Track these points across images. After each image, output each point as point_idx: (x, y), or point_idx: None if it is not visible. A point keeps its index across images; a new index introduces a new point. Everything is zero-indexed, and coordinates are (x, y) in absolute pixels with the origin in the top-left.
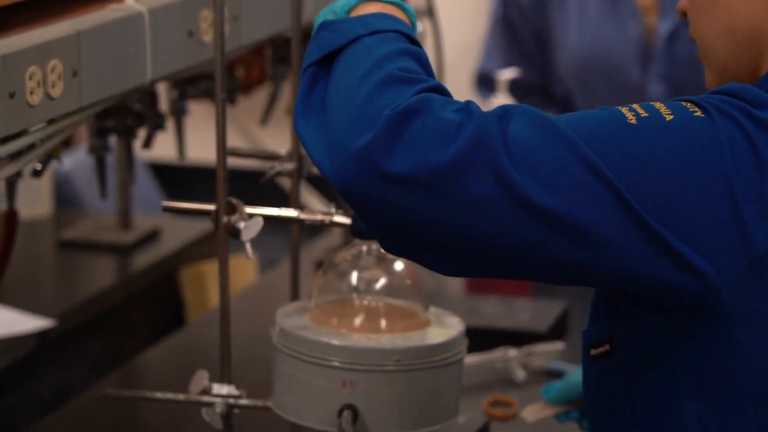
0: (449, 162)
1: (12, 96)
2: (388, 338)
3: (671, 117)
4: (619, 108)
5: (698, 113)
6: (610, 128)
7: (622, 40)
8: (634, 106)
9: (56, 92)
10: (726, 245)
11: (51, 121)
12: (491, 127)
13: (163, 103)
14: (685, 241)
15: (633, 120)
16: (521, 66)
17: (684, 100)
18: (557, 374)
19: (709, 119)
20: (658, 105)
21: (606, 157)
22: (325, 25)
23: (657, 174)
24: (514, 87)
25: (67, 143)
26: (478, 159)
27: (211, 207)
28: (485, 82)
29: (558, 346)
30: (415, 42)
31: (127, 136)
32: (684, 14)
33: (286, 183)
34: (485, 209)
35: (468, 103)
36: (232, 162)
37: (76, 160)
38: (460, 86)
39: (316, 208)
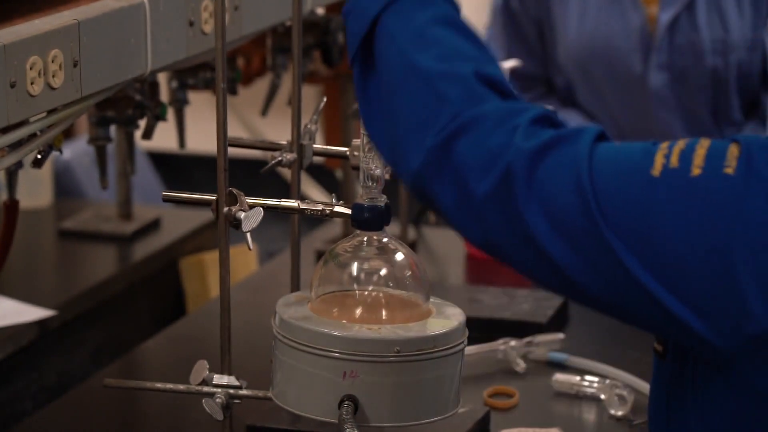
0: (484, 194)
1: (13, 86)
2: (388, 329)
3: (699, 172)
4: (658, 149)
5: (729, 170)
6: (632, 180)
7: (623, 30)
8: (675, 148)
9: (57, 82)
10: (726, 317)
11: (51, 111)
12: (522, 164)
13: (164, 94)
14: (687, 305)
15: (658, 171)
16: (523, 56)
17: (737, 141)
18: (558, 365)
19: (738, 179)
20: (700, 149)
21: (616, 212)
22: (348, 11)
23: (663, 235)
24: (516, 77)
25: (68, 133)
26: (503, 195)
27: (211, 197)
28: None
29: (559, 336)
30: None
31: (128, 126)
32: None
33: (286, 173)
34: (507, 239)
35: (516, 119)
36: (233, 152)
37: (77, 150)
38: None
39: (316, 198)
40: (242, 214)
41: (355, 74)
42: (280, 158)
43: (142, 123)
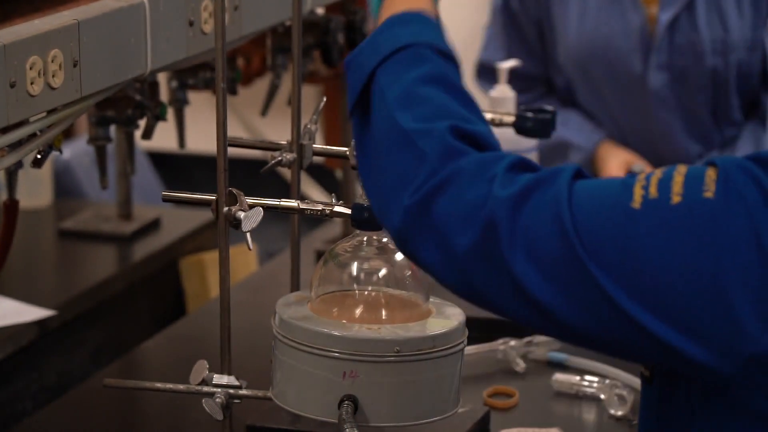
0: (467, 248)
1: (13, 86)
2: (388, 329)
3: (679, 199)
4: (636, 181)
5: (709, 193)
6: (613, 215)
7: (623, 30)
8: (653, 178)
9: (57, 82)
10: (722, 340)
11: (51, 111)
12: (503, 213)
13: (164, 94)
14: (682, 332)
15: (638, 203)
16: (523, 56)
17: (713, 165)
18: (558, 365)
19: (719, 201)
20: (677, 177)
21: (600, 249)
22: (348, 63)
23: (651, 266)
24: (515, 78)
25: (68, 133)
26: (487, 246)
27: (211, 197)
28: (486, 72)
29: None
30: (432, 45)
31: (128, 126)
32: None
33: (286, 173)
34: (495, 290)
35: (492, 169)
36: (233, 152)
37: (77, 150)
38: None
39: (316, 198)
40: (242, 214)
41: (353, 127)
42: (279, 158)
43: (142, 123)
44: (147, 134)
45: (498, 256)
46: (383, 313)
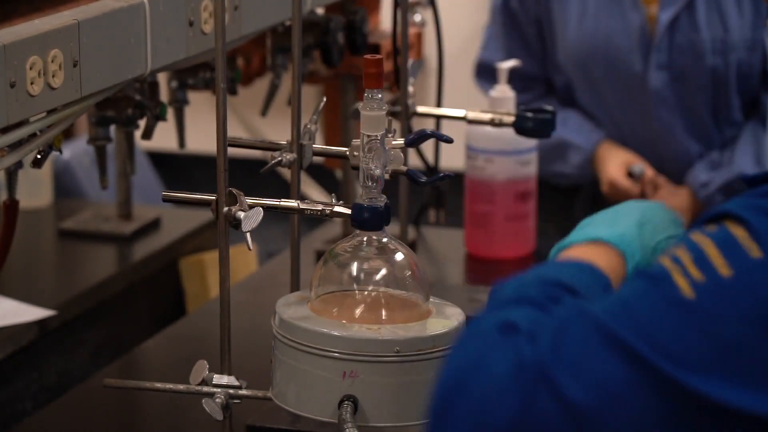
0: (513, 421)
1: (12, 86)
2: (388, 329)
3: (730, 273)
4: (668, 271)
5: (755, 253)
6: (672, 316)
7: (623, 30)
8: (684, 260)
9: (57, 82)
10: None
11: (51, 111)
12: (547, 358)
13: (164, 94)
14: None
15: (689, 292)
16: (522, 56)
17: (730, 218)
18: None
19: None
20: (710, 249)
21: (678, 353)
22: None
23: (733, 345)
24: (515, 77)
25: (68, 133)
26: (540, 405)
27: (211, 197)
28: (485, 72)
29: None
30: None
31: (128, 126)
32: None
33: (286, 173)
34: None
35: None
36: (233, 152)
37: (77, 150)
38: (460, 77)
39: (316, 198)
40: (242, 214)
41: None
42: (279, 158)
43: (142, 123)
44: (147, 134)
45: (552, 400)
46: (383, 313)
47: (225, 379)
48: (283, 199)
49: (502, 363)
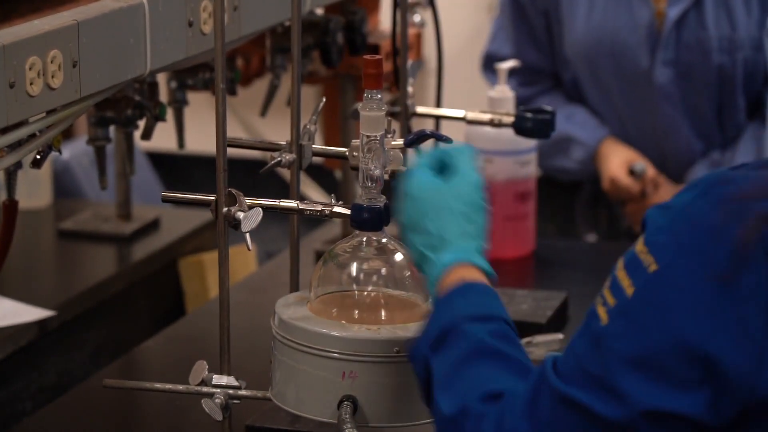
0: None
1: (12, 86)
2: (387, 329)
3: (632, 290)
4: (595, 305)
5: (653, 267)
6: (589, 347)
7: (630, 25)
8: (605, 292)
9: (56, 82)
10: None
11: (51, 112)
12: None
13: (163, 94)
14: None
15: (605, 320)
16: (529, 48)
17: (644, 232)
18: None
19: (665, 270)
20: (620, 273)
21: (584, 383)
22: (411, 356)
23: (645, 360)
24: (522, 71)
25: (67, 133)
26: None
27: (210, 197)
28: (492, 64)
29: (558, 336)
30: (474, 316)
31: (127, 126)
32: None
33: (285, 173)
34: None
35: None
36: (232, 152)
37: (76, 151)
38: (460, 77)
39: (315, 198)
40: (241, 215)
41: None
42: (279, 158)
43: (142, 123)
44: (146, 134)
45: None
46: (382, 313)
47: (224, 380)
48: (282, 200)
49: None
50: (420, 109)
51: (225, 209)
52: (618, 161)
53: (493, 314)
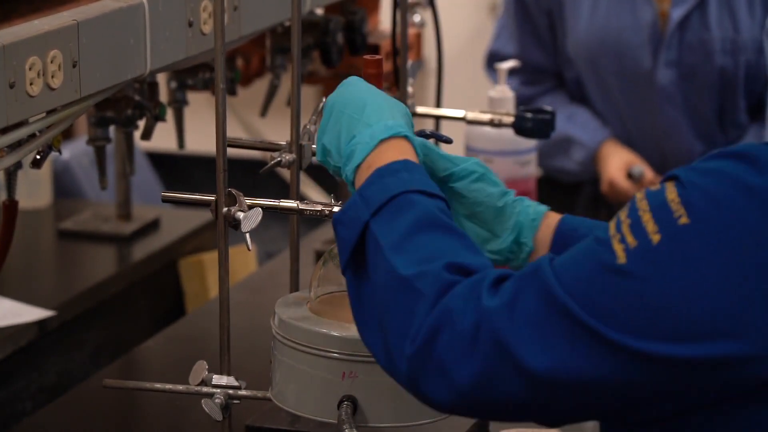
0: (473, 380)
1: (12, 86)
2: None
3: (658, 237)
4: (611, 237)
5: (683, 219)
6: (605, 279)
7: (634, 25)
8: (623, 226)
9: (56, 82)
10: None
11: (51, 112)
12: (502, 323)
13: (163, 94)
14: (703, 340)
15: (623, 258)
16: (532, 47)
17: (673, 178)
18: None
19: (696, 225)
20: (644, 215)
21: (607, 314)
22: (338, 220)
23: (661, 308)
24: (525, 70)
25: (67, 134)
26: (496, 364)
27: (210, 197)
28: (496, 62)
29: None
30: (421, 189)
31: (127, 126)
32: None
33: (285, 174)
34: (514, 397)
35: (478, 291)
36: (232, 152)
37: (76, 151)
38: (460, 77)
39: (315, 198)
40: (241, 215)
41: (348, 282)
42: (279, 159)
43: (142, 123)
44: (146, 135)
45: (509, 364)
46: None
47: (224, 380)
48: (282, 200)
49: (466, 320)
50: (420, 109)
51: (225, 209)
52: (617, 164)
53: (437, 194)
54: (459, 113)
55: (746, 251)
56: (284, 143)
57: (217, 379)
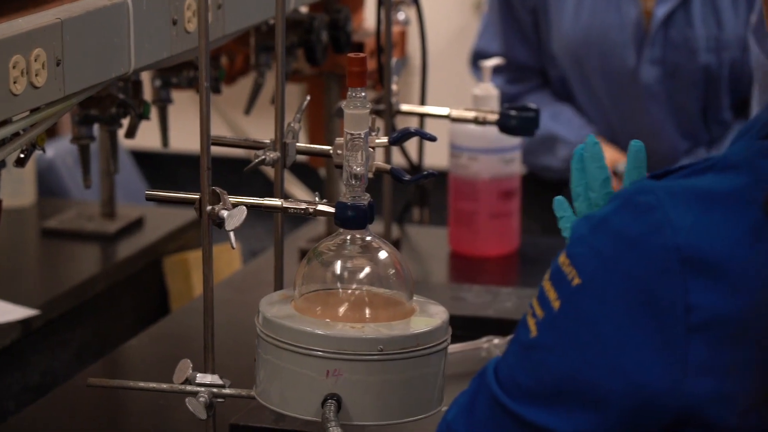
0: None
1: None
2: (372, 327)
3: (558, 303)
4: (526, 314)
5: (576, 280)
6: (522, 360)
7: (618, 23)
8: (534, 302)
9: (40, 81)
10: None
11: (34, 110)
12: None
13: (147, 92)
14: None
15: (534, 332)
16: (517, 45)
17: (568, 243)
18: None
19: (588, 284)
20: (546, 284)
21: (520, 391)
22: None
23: (566, 377)
24: (510, 68)
25: (51, 132)
26: None
27: (194, 196)
28: (481, 60)
29: None
30: None
31: (111, 125)
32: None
33: (270, 172)
34: None
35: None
36: (216, 151)
37: (60, 149)
38: (444, 75)
39: (300, 197)
40: (225, 213)
41: None
42: (263, 157)
43: (126, 122)
44: (130, 133)
45: None
46: (367, 311)
47: (208, 378)
48: (266, 198)
49: None
50: (404, 107)
51: (209, 208)
52: None
53: None
54: (443, 111)
55: (639, 306)
56: (268, 141)
57: (201, 377)
